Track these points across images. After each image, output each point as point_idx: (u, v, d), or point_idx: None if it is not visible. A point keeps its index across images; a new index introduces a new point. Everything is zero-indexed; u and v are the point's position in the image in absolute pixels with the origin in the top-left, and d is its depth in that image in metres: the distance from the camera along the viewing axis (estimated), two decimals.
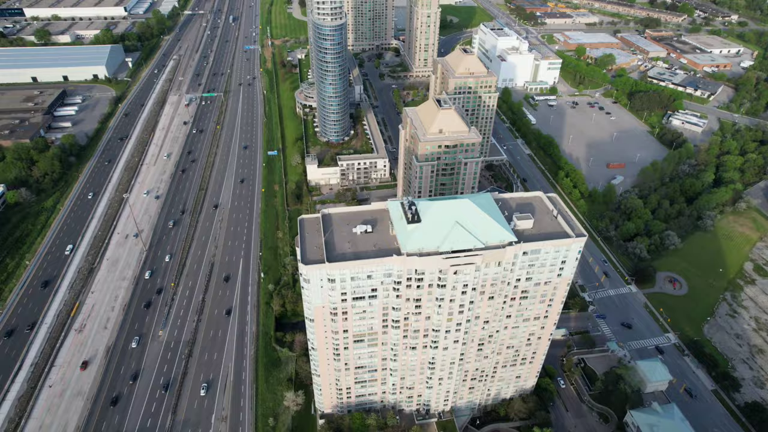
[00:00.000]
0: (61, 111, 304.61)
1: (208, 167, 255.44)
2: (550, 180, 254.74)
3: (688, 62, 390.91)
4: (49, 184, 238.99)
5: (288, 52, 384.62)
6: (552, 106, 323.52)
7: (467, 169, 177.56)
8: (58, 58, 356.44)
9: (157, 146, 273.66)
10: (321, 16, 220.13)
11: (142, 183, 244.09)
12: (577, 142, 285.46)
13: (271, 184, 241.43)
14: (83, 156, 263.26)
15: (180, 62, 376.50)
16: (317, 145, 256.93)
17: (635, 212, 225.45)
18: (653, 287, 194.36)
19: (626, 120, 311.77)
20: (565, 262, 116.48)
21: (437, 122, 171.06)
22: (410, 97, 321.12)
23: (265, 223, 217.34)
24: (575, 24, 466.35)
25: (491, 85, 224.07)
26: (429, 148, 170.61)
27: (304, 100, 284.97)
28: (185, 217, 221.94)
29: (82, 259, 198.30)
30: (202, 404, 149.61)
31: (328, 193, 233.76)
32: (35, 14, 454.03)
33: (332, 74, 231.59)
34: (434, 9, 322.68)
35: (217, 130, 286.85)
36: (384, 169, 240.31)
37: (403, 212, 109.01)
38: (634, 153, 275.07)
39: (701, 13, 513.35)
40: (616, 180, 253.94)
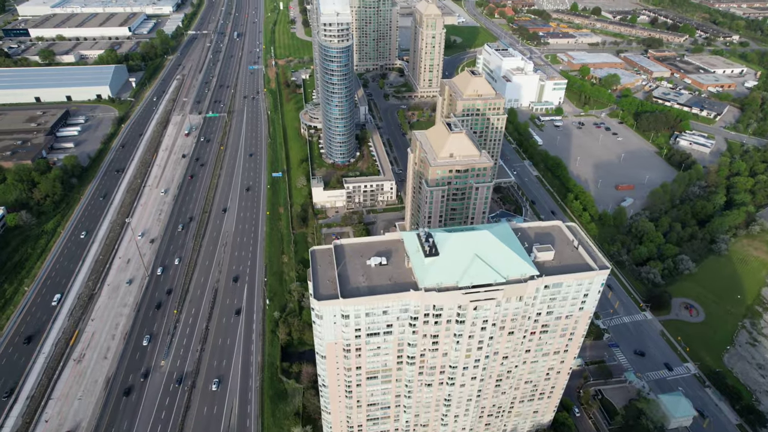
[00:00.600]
0: (63, 131, 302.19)
1: (212, 189, 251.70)
2: (558, 202, 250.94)
3: (692, 82, 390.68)
4: (50, 207, 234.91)
5: (292, 72, 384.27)
6: (558, 126, 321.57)
7: (478, 193, 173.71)
8: (61, 78, 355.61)
9: (160, 167, 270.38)
10: (328, 38, 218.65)
11: (144, 205, 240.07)
12: (584, 163, 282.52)
13: (276, 207, 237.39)
14: (85, 177, 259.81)
15: (183, 82, 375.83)
16: (323, 166, 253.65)
17: (647, 236, 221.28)
18: (669, 314, 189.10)
19: (633, 141, 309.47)
20: (587, 295, 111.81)
21: (448, 146, 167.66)
22: (415, 118, 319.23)
23: (269, 247, 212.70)
24: (578, 44, 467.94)
25: (499, 107, 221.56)
26: (440, 172, 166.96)
27: (309, 120, 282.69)
28: (188, 240, 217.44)
29: (82, 285, 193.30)
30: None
31: (334, 216, 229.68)
32: (40, 34, 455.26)
33: (339, 96, 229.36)
34: (439, 30, 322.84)
35: (221, 151, 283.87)
36: (391, 191, 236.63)
37: (419, 244, 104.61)
38: (642, 174, 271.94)
39: (702, 34, 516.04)
40: (625, 202, 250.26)
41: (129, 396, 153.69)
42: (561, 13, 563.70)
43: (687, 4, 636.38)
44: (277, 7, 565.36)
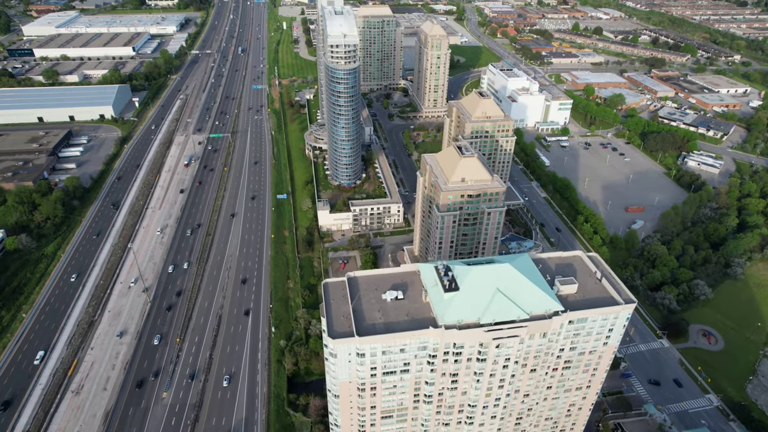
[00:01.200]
0: (66, 152, 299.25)
1: (215, 211, 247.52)
2: (568, 225, 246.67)
3: (697, 102, 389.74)
4: (50, 229, 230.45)
5: (295, 92, 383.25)
6: (564, 147, 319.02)
7: (490, 218, 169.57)
8: (64, 98, 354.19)
9: (163, 188, 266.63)
10: (335, 60, 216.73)
11: (146, 228, 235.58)
12: (593, 184, 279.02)
13: (281, 230, 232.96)
14: (87, 199, 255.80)
15: (187, 102, 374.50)
16: (328, 189, 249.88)
17: (660, 259, 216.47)
18: (687, 342, 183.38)
19: (641, 161, 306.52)
20: (612, 330, 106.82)
21: (459, 170, 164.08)
22: (421, 138, 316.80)
23: (274, 272, 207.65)
24: (581, 64, 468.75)
25: (508, 129, 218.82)
26: (451, 197, 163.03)
27: (314, 141, 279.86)
28: (192, 264, 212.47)
29: (81, 312, 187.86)
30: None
31: (340, 240, 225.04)
32: (44, 54, 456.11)
33: (345, 117, 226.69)
34: (444, 50, 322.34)
35: (225, 172, 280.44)
36: (398, 214, 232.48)
37: (437, 278, 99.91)
38: (652, 196, 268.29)
39: (704, 53, 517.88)
40: (636, 224, 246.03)
41: (129, 431, 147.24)
42: (563, 32, 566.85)
43: (687, 24, 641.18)
44: (280, 27, 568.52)
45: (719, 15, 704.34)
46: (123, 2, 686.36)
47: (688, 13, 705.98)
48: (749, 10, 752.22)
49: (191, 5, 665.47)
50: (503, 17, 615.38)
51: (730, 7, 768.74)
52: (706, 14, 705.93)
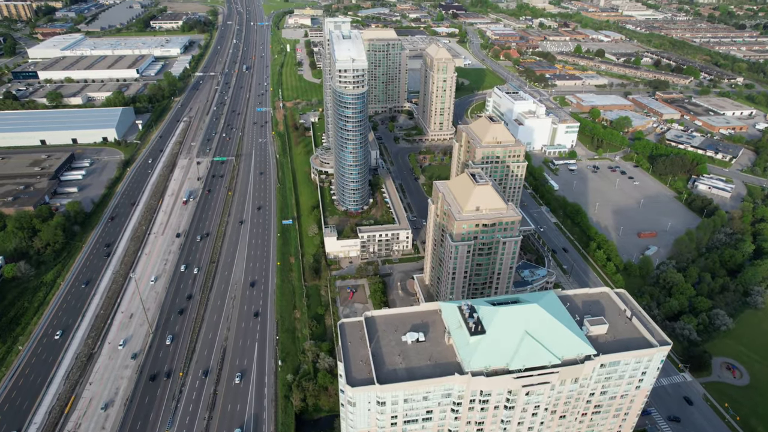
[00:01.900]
0: (67, 175, 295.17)
1: (219, 237, 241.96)
2: (580, 251, 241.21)
3: (703, 124, 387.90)
4: (50, 256, 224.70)
5: (300, 115, 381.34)
6: (573, 170, 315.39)
7: (505, 248, 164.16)
8: (67, 120, 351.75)
9: (166, 213, 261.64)
10: (343, 84, 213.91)
11: (149, 255, 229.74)
12: (603, 209, 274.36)
13: (287, 257, 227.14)
14: (88, 224, 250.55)
15: (190, 124, 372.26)
16: (335, 214, 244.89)
17: (676, 287, 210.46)
18: (710, 375, 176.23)
19: (650, 185, 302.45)
20: (645, 372, 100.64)
21: (473, 199, 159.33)
22: (427, 162, 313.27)
23: (281, 301, 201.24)
24: (585, 86, 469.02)
25: (519, 154, 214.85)
26: (465, 227, 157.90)
27: (320, 165, 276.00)
28: (195, 292, 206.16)
29: (80, 344, 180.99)
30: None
31: (348, 267, 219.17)
32: (49, 77, 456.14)
33: (353, 142, 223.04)
34: (450, 74, 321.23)
35: (229, 197, 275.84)
36: (407, 240, 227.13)
37: (462, 320, 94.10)
38: (663, 221, 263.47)
39: (706, 76, 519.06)
40: (650, 251, 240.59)
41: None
42: (565, 55, 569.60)
43: (687, 47, 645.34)
44: (284, 50, 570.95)
45: (719, 38, 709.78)
46: (128, 25, 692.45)
47: (688, 35, 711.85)
48: (748, 33, 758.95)
49: (195, 28, 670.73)
50: (505, 39, 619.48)
51: (729, 29, 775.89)
52: (706, 37, 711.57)
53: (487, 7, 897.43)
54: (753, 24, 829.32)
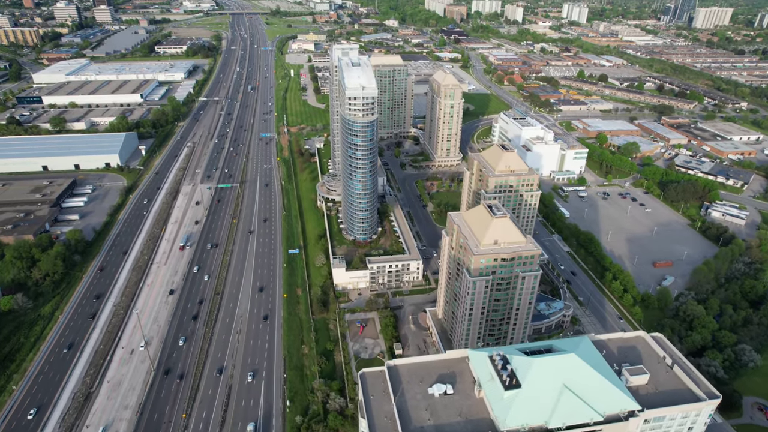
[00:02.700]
0: (69, 202, 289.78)
1: (224, 266, 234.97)
2: (595, 282, 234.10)
3: (712, 150, 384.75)
4: (48, 287, 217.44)
5: (305, 140, 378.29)
6: (582, 197, 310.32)
7: (525, 283, 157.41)
8: (70, 146, 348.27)
9: (169, 242, 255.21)
10: (352, 112, 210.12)
11: (151, 286, 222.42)
12: (616, 237, 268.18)
13: (293, 288, 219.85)
14: (89, 253, 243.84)
15: (194, 150, 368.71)
16: (343, 243, 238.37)
17: (697, 320, 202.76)
18: (741, 417, 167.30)
19: (662, 212, 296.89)
20: (692, 429, 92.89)
21: (491, 232, 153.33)
22: (435, 188, 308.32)
23: (288, 336, 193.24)
24: (590, 111, 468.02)
25: (533, 183, 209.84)
26: (484, 261, 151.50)
27: (327, 193, 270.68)
28: (199, 326, 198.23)
29: (78, 382, 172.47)
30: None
31: (357, 300, 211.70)
32: (53, 102, 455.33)
33: (362, 171, 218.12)
34: (457, 100, 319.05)
35: (233, 224, 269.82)
36: (417, 271, 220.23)
37: (494, 371, 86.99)
38: (678, 249, 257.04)
39: (710, 100, 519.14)
40: (666, 281, 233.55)
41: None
42: (569, 80, 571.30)
43: (689, 72, 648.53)
44: (287, 75, 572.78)
45: (719, 63, 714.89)
46: (133, 50, 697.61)
47: (689, 60, 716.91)
48: (747, 58, 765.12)
49: (199, 53, 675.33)
50: (508, 64, 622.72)
51: (729, 55, 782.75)
52: (706, 62, 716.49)
53: (488, 32, 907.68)
54: (752, 49, 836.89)
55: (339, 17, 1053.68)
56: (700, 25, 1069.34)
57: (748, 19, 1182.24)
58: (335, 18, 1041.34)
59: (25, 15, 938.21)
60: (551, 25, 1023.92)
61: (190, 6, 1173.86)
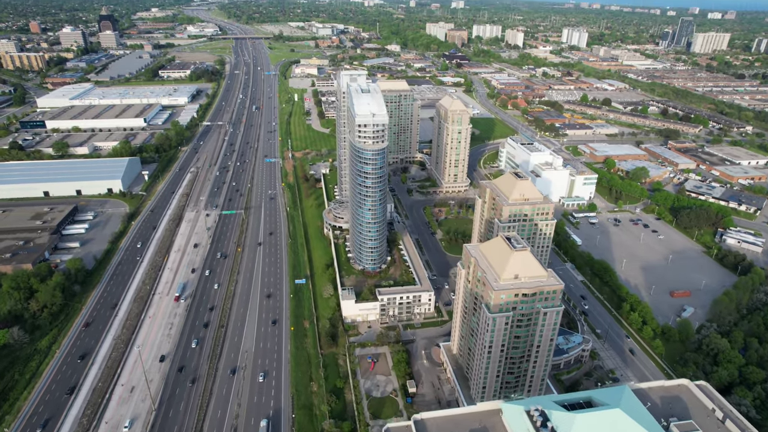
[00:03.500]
0: (70, 229, 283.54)
1: (228, 297, 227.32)
2: (612, 313, 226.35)
3: (721, 174, 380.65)
4: (46, 319, 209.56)
5: (309, 165, 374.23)
6: (593, 224, 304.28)
7: (546, 319, 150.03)
8: (72, 171, 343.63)
9: (172, 271, 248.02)
10: (362, 140, 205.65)
11: (153, 317, 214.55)
12: (631, 265, 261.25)
13: (301, 320, 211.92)
14: (89, 283, 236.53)
15: (198, 175, 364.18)
16: (351, 273, 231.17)
17: (722, 355, 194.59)
18: None
19: (676, 239, 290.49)
20: None
21: (511, 266, 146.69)
22: (443, 215, 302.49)
23: (295, 372, 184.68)
24: (596, 135, 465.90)
25: (548, 212, 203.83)
26: (504, 297, 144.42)
27: (334, 220, 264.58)
28: (203, 362, 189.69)
29: (74, 424, 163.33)
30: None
31: (367, 333, 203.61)
32: (56, 126, 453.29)
33: (372, 199, 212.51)
34: (465, 125, 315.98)
35: (238, 253, 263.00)
36: (429, 303, 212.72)
37: (532, 429, 79.26)
38: (696, 278, 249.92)
39: (715, 124, 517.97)
40: (686, 312, 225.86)
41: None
42: (572, 104, 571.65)
43: (691, 96, 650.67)
44: (291, 99, 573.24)
45: (720, 87, 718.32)
46: (137, 74, 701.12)
47: (690, 85, 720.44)
48: (748, 82, 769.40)
49: (203, 77, 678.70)
50: (511, 89, 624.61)
51: (729, 79, 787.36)
52: (708, 86, 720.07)
53: (490, 57, 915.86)
54: (751, 74, 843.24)
55: (341, 42, 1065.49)
56: (699, 50, 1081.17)
57: (745, 44, 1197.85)
58: (337, 43, 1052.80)
59: (32, 40, 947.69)
60: (552, 49, 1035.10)
61: (194, 31, 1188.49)
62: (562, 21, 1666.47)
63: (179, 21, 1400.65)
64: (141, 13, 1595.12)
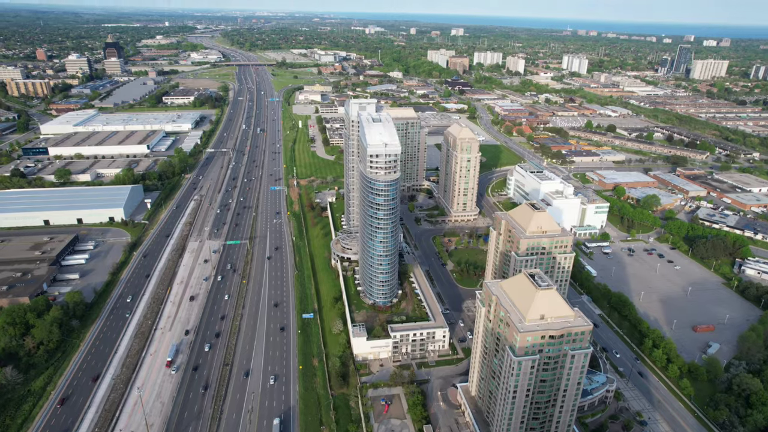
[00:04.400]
0: (69, 259, 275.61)
1: (233, 333, 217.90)
2: (633, 349, 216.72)
3: (733, 202, 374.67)
4: (42, 358, 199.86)
5: (315, 193, 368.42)
6: (607, 253, 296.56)
7: (574, 362, 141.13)
8: (73, 199, 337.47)
9: (174, 305, 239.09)
10: (374, 170, 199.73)
11: (154, 355, 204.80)
12: (649, 298, 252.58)
13: (309, 358, 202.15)
14: (88, 317, 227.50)
15: (201, 203, 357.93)
16: (362, 308, 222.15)
17: (755, 396, 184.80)
18: None
19: (693, 270, 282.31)
20: None
21: (536, 306, 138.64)
22: (453, 245, 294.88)
23: (305, 416, 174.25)
24: (603, 162, 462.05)
25: (567, 245, 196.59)
26: (530, 339, 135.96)
27: (342, 251, 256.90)
28: (206, 406, 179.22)
29: None
30: None
31: (379, 372, 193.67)
32: (59, 153, 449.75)
33: (384, 231, 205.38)
34: (474, 153, 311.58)
35: (243, 285, 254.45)
36: (443, 340, 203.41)
37: None
38: (718, 312, 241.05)
39: (722, 151, 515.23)
40: (711, 349, 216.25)
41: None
42: (577, 130, 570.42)
43: (694, 122, 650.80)
44: (295, 126, 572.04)
45: (723, 113, 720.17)
46: (141, 101, 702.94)
47: (692, 111, 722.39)
48: (750, 108, 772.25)
49: (206, 103, 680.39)
50: (515, 115, 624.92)
51: (731, 105, 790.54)
52: (710, 112, 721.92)
53: (492, 83, 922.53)
54: (752, 100, 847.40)
55: (344, 69, 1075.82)
56: (698, 77, 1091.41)
57: (743, 70, 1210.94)
58: (340, 69, 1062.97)
59: (38, 67, 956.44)
60: (553, 75, 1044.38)
61: (198, 58, 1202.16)
62: (561, 48, 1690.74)
63: (183, 48, 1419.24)
64: (146, 40, 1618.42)
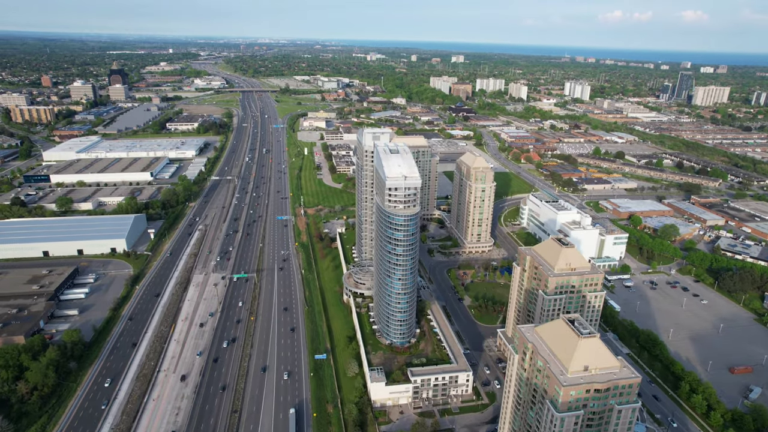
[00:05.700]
0: (68, 294, 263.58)
1: (241, 377, 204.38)
2: (668, 392, 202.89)
3: (753, 231, 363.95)
4: (35, 404, 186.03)
5: (323, 223, 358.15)
6: (629, 287, 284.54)
7: (621, 417, 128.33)
8: (74, 230, 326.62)
9: (179, 343, 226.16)
10: (392, 204, 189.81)
11: (157, 400, 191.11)
12: (678, 336, 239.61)
13: (323, 404, 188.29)
14: (86, 358, 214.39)
15: (206, 233, 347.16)
16: (378, 349, 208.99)
17: None
18: None
19: (721, 304, 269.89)
20: None
21: (579, 356, 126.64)
22: (468, 278, 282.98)
23: None
24: (615, 190, 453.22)
25: (597, 283, 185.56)
26: (574, 393, 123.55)
27: (355, 286, 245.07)
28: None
29: None
30: None
31: (399, 420, 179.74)
32: (61, 180, 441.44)
33: (403, 268, 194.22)
34: (489, 183, 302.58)
35: (251, 322, 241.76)
36: (466, 384, 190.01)
37: None
38: (754, 350, 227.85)
39: (734, 178, 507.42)
40: (754, 393, 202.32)
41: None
42: (586, 157, 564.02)
43: (702, 148, 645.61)
44: (301, 153, 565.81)
45: (729, 139, 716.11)
46: (144, 127, 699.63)
47: (699, 137, 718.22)
48: (756, 134, 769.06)
49: (210, 130, 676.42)
50: (522, 142, 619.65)
51: (736, 131, 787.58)
52: (717, 138, 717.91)
53: (496, 109, 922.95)
54: (757, 126, 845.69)
55: (347, 95, 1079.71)
56: (700, 103, 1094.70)
57: (743, 96, 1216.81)
58: (343, 96, 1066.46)
59: (42, 94, 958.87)
60: (556, 102, 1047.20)
61: (202, 84, 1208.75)
62: (562, 74, 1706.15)
63: (187, 74, 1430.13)
64: (150, 67, 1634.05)
